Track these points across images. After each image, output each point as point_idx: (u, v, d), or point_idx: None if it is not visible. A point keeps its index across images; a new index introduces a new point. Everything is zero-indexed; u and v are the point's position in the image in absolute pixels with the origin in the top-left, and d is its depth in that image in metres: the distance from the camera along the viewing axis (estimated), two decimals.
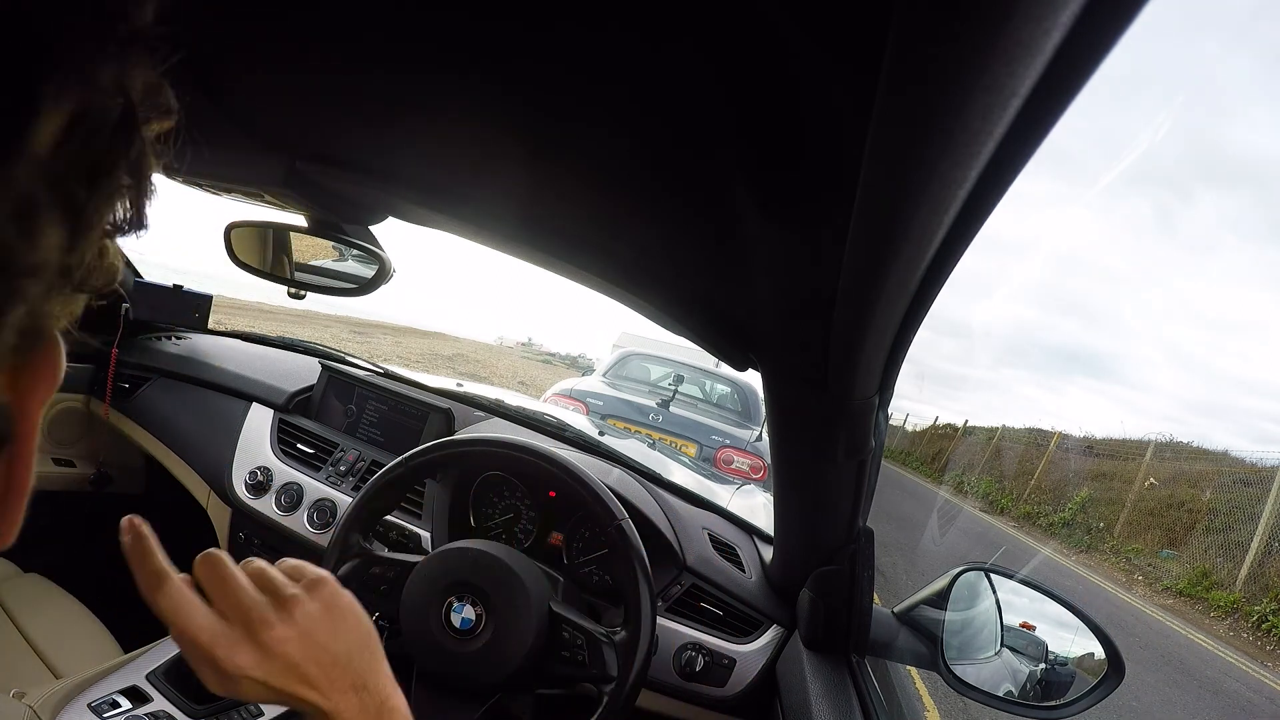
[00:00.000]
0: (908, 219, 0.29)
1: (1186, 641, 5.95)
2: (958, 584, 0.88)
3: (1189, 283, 33.81)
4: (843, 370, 0.51)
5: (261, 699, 0.43)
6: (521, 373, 14.76)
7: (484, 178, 0.52)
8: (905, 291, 0.39)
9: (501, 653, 0.79)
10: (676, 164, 0.38)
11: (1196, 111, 35.03)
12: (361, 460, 1.22)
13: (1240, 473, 9.20)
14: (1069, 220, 40.81)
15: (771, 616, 1.03)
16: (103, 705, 0.90)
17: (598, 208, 0.50)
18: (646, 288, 0.58)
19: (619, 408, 4.06)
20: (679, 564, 1.05)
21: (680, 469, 1.46)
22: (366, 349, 11.20)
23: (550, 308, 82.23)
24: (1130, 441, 12.18)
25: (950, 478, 14.74)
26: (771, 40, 0.25)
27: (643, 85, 0.32)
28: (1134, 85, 51.23)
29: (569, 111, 0.37)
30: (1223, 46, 59.05)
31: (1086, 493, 10.74)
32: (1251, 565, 7.41)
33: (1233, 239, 31.42)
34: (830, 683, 0.84)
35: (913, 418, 19.02)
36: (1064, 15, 0.18)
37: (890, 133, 0.24)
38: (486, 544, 0.85)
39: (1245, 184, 32.24)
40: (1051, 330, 36.87)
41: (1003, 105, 0.22)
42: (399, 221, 0.67)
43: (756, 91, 0.29)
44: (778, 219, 0.37)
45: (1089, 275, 45.74)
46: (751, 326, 0.57)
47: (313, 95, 0.46)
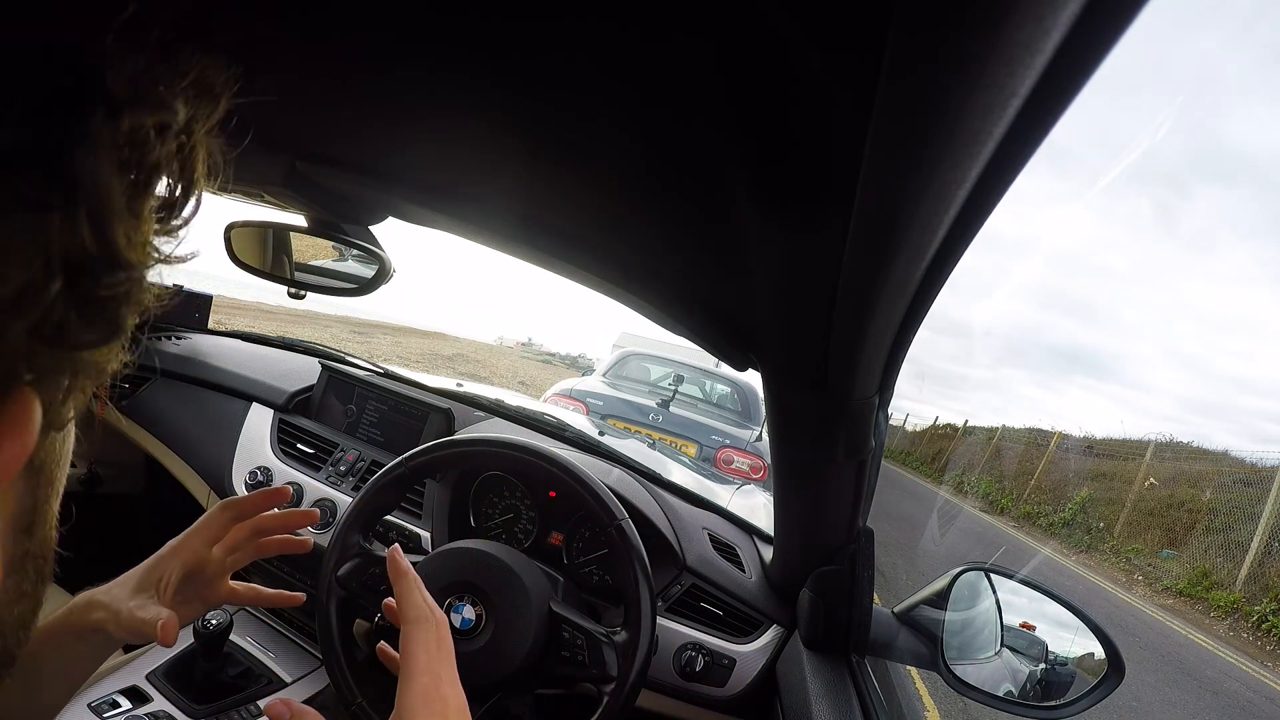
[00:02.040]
0: (908, 219, 0.29)
1: (1186, 641, 5.94)
2: (958, 584, 0.88)
3: (1189, 281, 33.82)
4: (843, 370, 0.51)
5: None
6: (521, 373, 14.76)
7: (484, 177, 0.52)
8: (905, 291, 0.39)
9: (501, 653, 0.79)
10: (677, 164, 0.38)
11: (1196, 108, 34.99)
12: (361, 460, 1.22)
13: (1240, 473, 9.20)
14: (1068, 218, 40.80)
15: (771, 616, 1.03)
16: (103, 705, 0.90)
17: (598, 207, 0.50)
18: (646, 287, 0.58)
19: (619, 408, 4.06)
20: (679, 564, 1.05)
21: (680, 469, 1.46)
22: (366, 349, 11.20)
23: (550, 308, 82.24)
24: (1130, 441, 12.19)
25: (950, 478, 14.74)
26: (771, 40, 0.25)
27: (643, 84, 0.32)
28: (1134, 83, 51.18)
29: (569, 111, 0.37)
30: (1221, 44, 59.02)
31: (1086, 493, 10.74)
32: (1251, 565, 7.41)
33: (1231, 236, 31.43)
34: (830, 683, 0.84)
35: (913, 418, 19.03)
36: (1064, 15, 0.18)
37: (890, 132, 0.24)
38: (486, 544, 0.85)
39: (1244, 179, 32.24)
40: (1051, 329, 36.89)
41: (1003, 105, 0.22)
42: (399, 221, 0.67)
43: (756, 91, 0.29)
44: (778, 218, 0.37)
45: (1089, 274, 45.75)
46: (751, 326, 0.57)
47: (313, 95, 0.46)
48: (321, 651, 0.86)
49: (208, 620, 0.94)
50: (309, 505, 1.16)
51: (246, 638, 1.13)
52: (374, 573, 0.87)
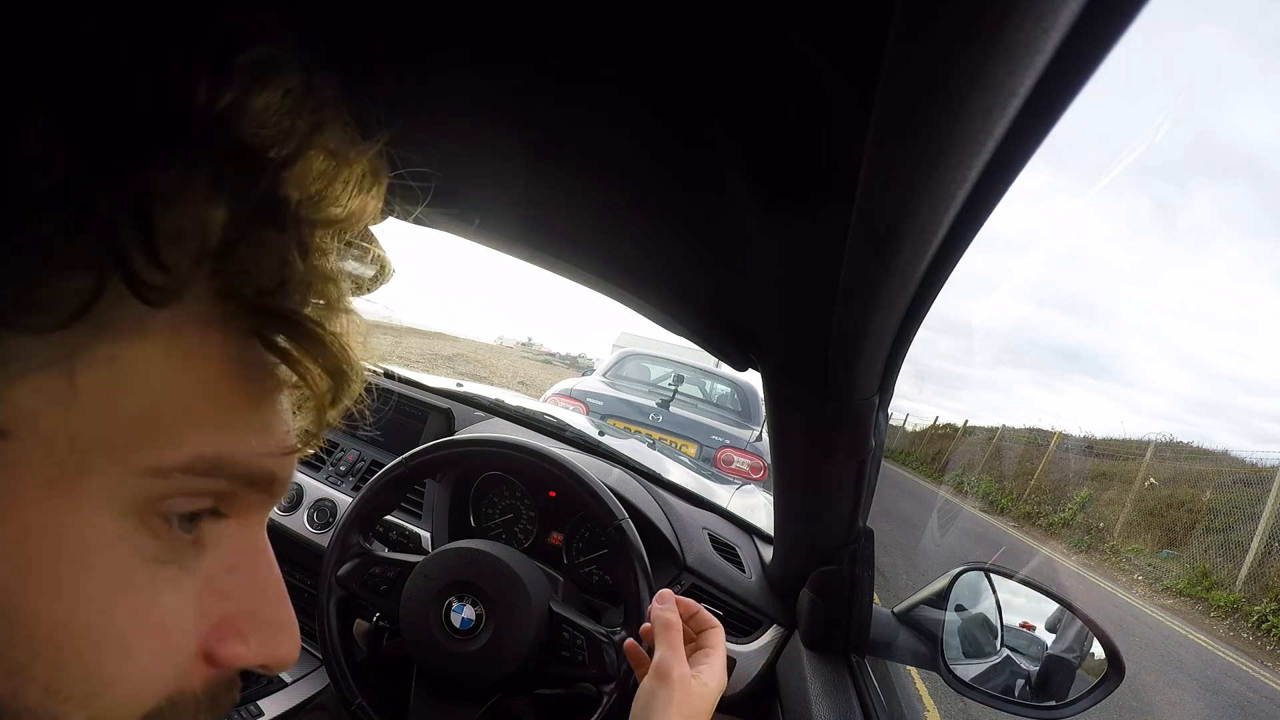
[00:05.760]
0: (908, 219, 0.29)
1: (1186, 641, 5.94)
2: (958, 584, 0.88)
3: (1188, 278, 33.81)
4: (843, 370, 0.51)
5: None
6: (521, 373, 14.75)
7: (484, 178, 0.52)
8: (905, 291, 0.39)
9: (501, 653, 0.79)
10: (677, 163, 0.38)
11: (1196, 102, 35.01)
12: (361, 460, 1.22)
13: (1240, 473, 9.21)
14: (1068, 217, 40.81)
15: (771, 616, 1.03)
16: None
17: (598, 207, 0.50)
18: (646, 288, 0.58)
19: (619, 408, 4.06)
20: (679, 564, 1.05)
21: (680, 469, 1.46)
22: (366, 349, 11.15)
23: (550, 308, 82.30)
24: (1130, 441, 12.20)
25: (950, 478, 14.74)
26: (772, 40, 0.25)
27: (643, 85, 0.32)
28: (1134, 81, 51.18)
29: (569, 111, 0.37)
30: (1221, 38, 58.96)
31: (1086, 493, 10.74)
32: (1251, 565, 7.41)
33: (1231, 231, 31.39)
34: (830, 682, 0.84)
35: (913, 418, 19.04)
36: (1064, 15, 0.18)
37: (890, 132, 0.24)
38: (486, 544, 0.85)
39: (1243, 175, 32.19)
40: (1051, 328, 36.89)
41: (1003, 105, 0.22)
42: (399, 221, 0.67)
43: (757, 91, 0.29)
44: (778, 219, 0.37)
45: (1088, 272, 45.73)
46: (751, 326, 0.57)
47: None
48: (321, 651, 0.86)
49: None
50: (309, 505, 1.16)
51: None
52: (374, 573, 0.87)
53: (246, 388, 0.22)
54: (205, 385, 0.21)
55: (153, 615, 0.21)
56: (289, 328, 0.22)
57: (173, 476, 0.20)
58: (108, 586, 0.20)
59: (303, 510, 1.16)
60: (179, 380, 0.20)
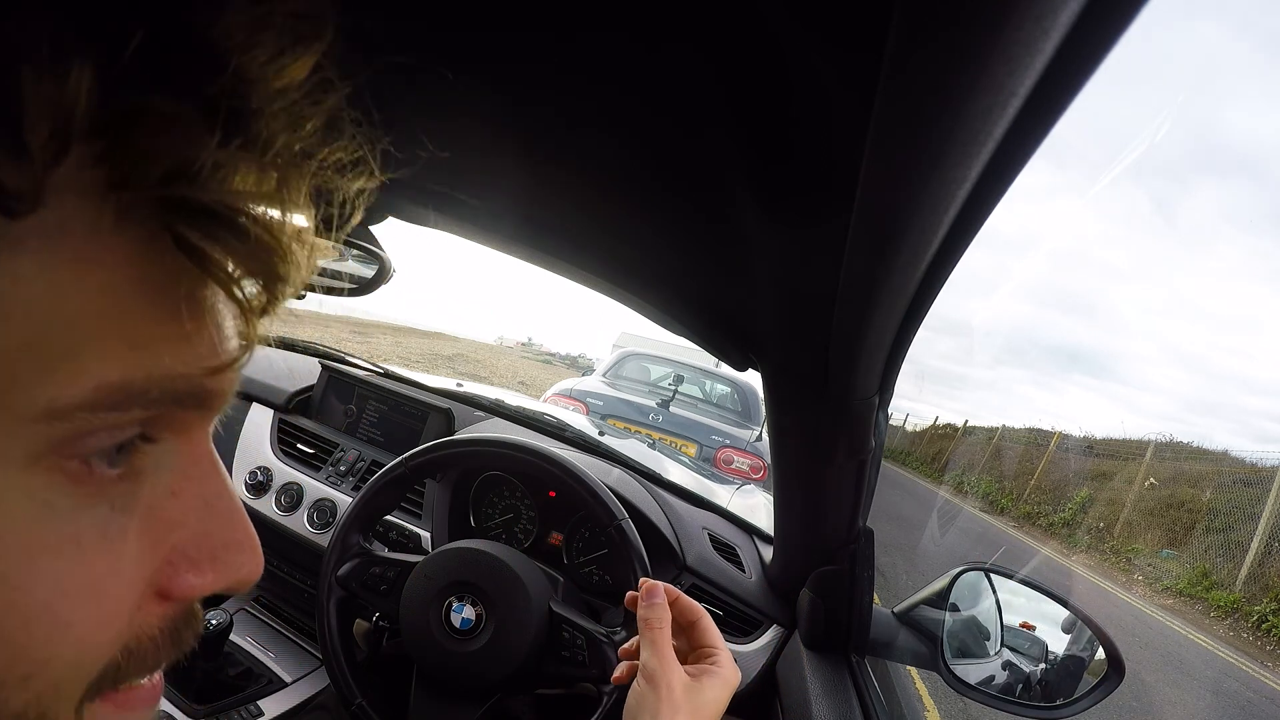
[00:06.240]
0: (908, 219, 0.29)
1: (1186, 641, 5.95)
2: (958, 584, 0.88)
3: (1188, 277, 33.82)
4: (843, 370, 0.51)
5: None
6: (521, 373, 14.77)
7: (484, 178, 0.52)
8: (905, 291, 0.39)
9: (501, 653, 0.79)
10: (677, 163, 0.38)
11: (1195, 100, 35.04)
12: (361, 460, 1.22)
13: (1240, 473, 9.21)
14: (1068, 216, 40.83)
15: (771, 616, 1.03)
16: None
17: (598, 207, 0.50)
18: (647, 288, 0.58)
19: (619, 408, 4.06)
20: (679, 564, 1.05)
21: (680, 469, 1.46)
22: (366, 349, 11.20)
23: (550, 308, 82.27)
24: (1130, 441, 12.21)
25: (950, 478, 14.75)
26: (772, 40, 0.25)
27: (643, 85, 0.32)
28: (1134, 81, 51.22)
29: (570, 112, 0.37)
30: (1221, 35, 58.98)
31: (1086, 493, 10.75)
32: (1251, 565, 7.42)
33: (1231, 230, 31.40)
34: (830, 683, 0.84)
35: (913, 418, 19.05)
36: (1064, 15, 0.18)
37: (890, 132, 0.24)
38: (486, 544, 0.85)
39: (1243, 173, 32.20)
40: (1051, 328, 36.90)
41: (1003, 105, 0.22)
42: (399, 221, 0.67)
43: (757, 91, 0.29)
44: (778, 219, 0.37)
45: (1088, 272, 45.74)
46: (751, 326, 0.57)
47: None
48: (321, 651, 0.86)
49: (207, 620, 0.94)
50: (309, 505, 1.16)
51: (246, 638, 1.13)
52: (374, 573, 0.87)
53: (161, 296, 0.18)
54: (104, 299, 0.17)
55: (83, 576, 0.18)
56: (203, 220, 0.17)
57: (76, 417, 0.17)
58: (24, 556, 0.17)
59: (303, 510, 1.16)
60: (67, 299, 0.16)
